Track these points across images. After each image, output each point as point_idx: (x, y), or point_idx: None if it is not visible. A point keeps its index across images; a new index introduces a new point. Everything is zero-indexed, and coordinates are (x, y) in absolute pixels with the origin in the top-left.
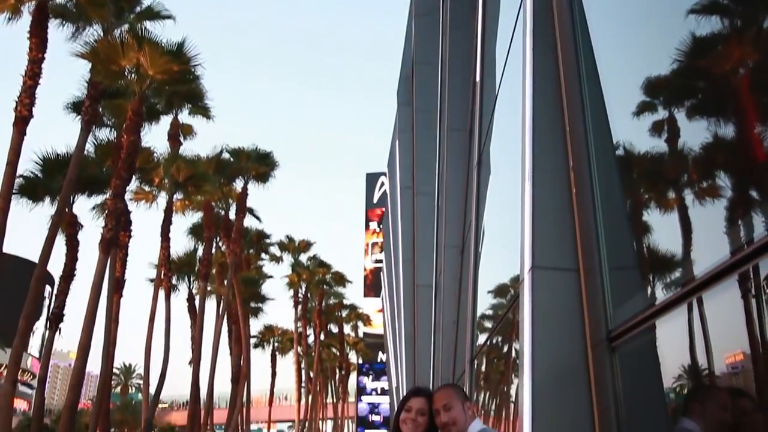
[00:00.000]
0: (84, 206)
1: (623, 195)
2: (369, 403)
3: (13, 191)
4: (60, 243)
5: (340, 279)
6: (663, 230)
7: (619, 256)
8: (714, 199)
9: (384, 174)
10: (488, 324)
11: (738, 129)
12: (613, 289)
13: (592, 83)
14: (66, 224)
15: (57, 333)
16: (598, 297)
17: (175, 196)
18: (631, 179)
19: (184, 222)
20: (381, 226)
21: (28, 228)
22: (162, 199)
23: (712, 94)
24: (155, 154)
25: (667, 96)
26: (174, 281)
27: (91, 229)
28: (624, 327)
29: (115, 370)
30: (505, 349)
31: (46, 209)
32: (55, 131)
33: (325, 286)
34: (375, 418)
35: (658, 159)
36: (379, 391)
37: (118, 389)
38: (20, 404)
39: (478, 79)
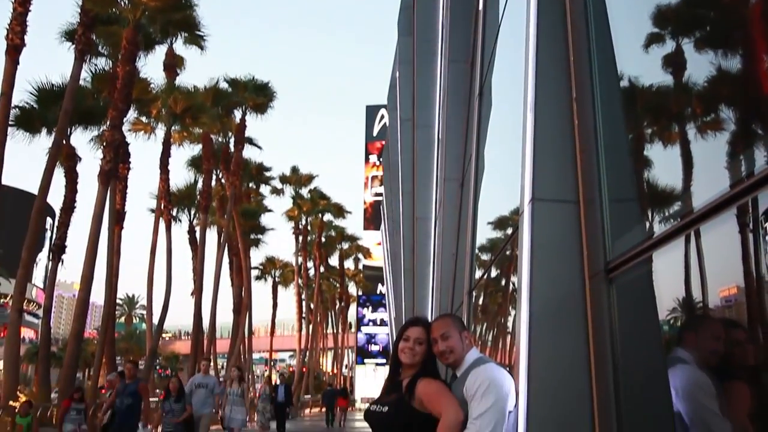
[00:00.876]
0: (82, 139)
1: (625, 127)
2: (366, 334)
3: (9, 122)
4: (60, 175)
5: (340, 211)
6: (664, 163)
7: (620, 188)
8: (716, 132)
9: (384, 106)
10: (487, 257)
11: (744, 61)
12: (613, 221)
13: (597, 13)
14: (64, 156)
15: (60, 264)
16: (597, 229)
17: (173, 128)
18: (634, 111)
19: (183, 154)
20: (381, 159)
21: (28, 160)
22: (160, 130)
23: (720, 26)
24: (152, 86)
25: (674, 27)
26: (174, 213)
27: (91, 162)
28: (622, 258)
29: (118, 301)
30: (503, 281)
31: (44, 141)
32: (50, 62)
33: (325, 218)
34: (373, 348)
35: (662, 91)
36: (378, 322)
37: (122, 319)
38: (27, 333)
39: (480, 8)
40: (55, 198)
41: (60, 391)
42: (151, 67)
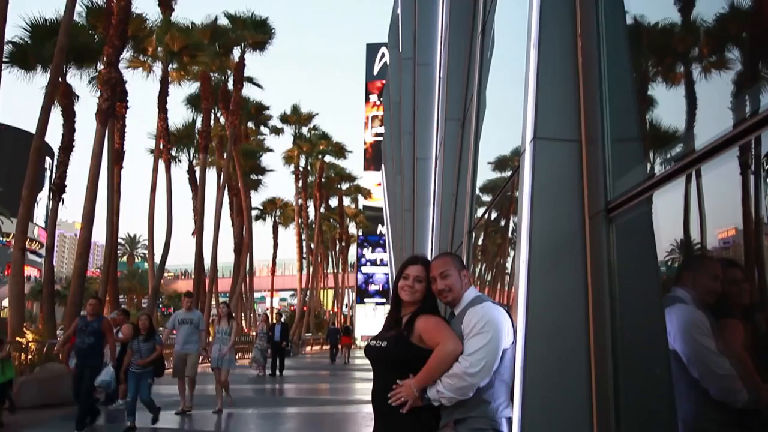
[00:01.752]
0: (79, 79)
1: (630, 65)
2: (365, 274)
3: (3, 60)
4: (57, 115)
5: (341, 151)
6: (668, 102)
7: (623, 128)
8: (722, 72)
9: (385, 45)
10: (487, 197)
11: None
12: (615, 160)
13: None
14: (61, 95)
15: (60, 203)
16: (599, 168)
17: (170, 66)
18: (639, 49)
19: (182, 93)
20: (381, 98)
21: (25, 99)
22: (158, 68)
23: None
24: (148, 22)
25: None
26: (174, 153)
27: (88, 101)
28: (622, 198)
29: (120, 241)
30: (503, 222)
31: (41, 80)
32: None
33: (325, 159)
34: (372, 287)
35: (668, 30)
36: (378, 263)
37: (125, 259)
38: (31, 271)
39: None
40: (54, 137)
41: (65, 328)
42: (146, 3)
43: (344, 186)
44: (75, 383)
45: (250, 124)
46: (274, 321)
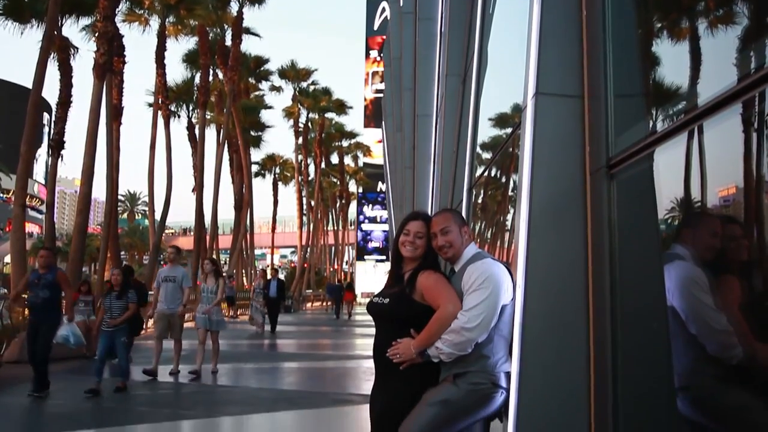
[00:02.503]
0: (77, 34)
1: (634, 20)
2: (365, 231)
3: None
4: (54, 69)
5: (341, 107)
6: (672, 58)
7: (626, 83)
8: (727, 26)
9: None
10: (487, 155)
11: None
12: (617, 116)
13: None
14: (57, 49)
15: (59, 160)
16: (601, 124)
17: (167, 20)
18: (644, 4)
19: (180, 49)
20: (382, 54)
21: (21, 54)
22: (155, 22)
23: None
24: None
25: None
26: (173, 109)
27: (85, 56)
28: (624, 154)
29: (120, 197)
30: (503, 180)
31: (36, 34)
32: None
33: (325, 115)
34: (372, 245)
35: None
36: (378, 220)
37: (125, 215)
38: (32, 228)
39: None
40: (51, 93)
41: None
42: None
43: (344, 143)
44: (29, 341)
45: (249, 80)
46: (270, 276)
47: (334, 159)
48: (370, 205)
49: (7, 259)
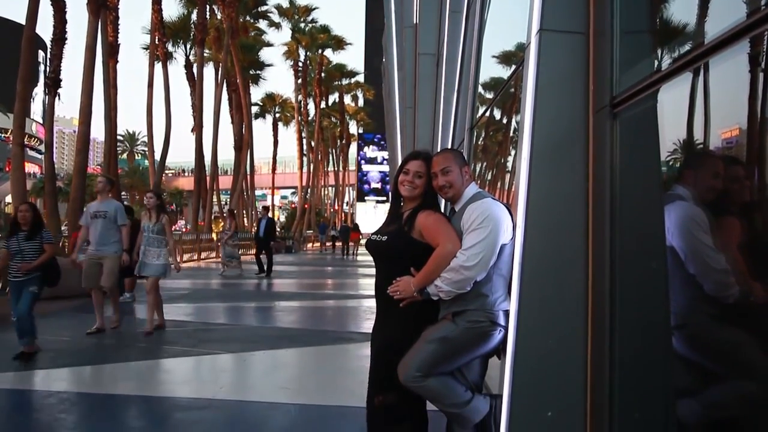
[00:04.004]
0: None
1: None
2: (360, 172)
3: None
4: (48, 5)
5: (340, 43)
6: None
7: (633, 20)
8: None
9: None
10: (489, 95)
11: None
12: (622, 53)
13: None
14: None
15: (57, 98)
16: (606, 62)
17: None
18: None
19: None
20: None
21: None
22: None
23: None
24: None
25: None
26: (170, 48)
27: None
28: (628, 93)
29: (119, 138)
30: (505, 120)
31: None
32: None
33: (324, 53)
34: (375, 185)
35: None
36: (379, 160)
37: (125, 156)
38: (32, 168)
39: None
40: (45, 29)
41: (69, 224)
42: None
43: (344, 82)
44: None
45: (248, 19)
46: (260, 215)
47: (336, 104)
48: (370, 146)
49: (8, 199)
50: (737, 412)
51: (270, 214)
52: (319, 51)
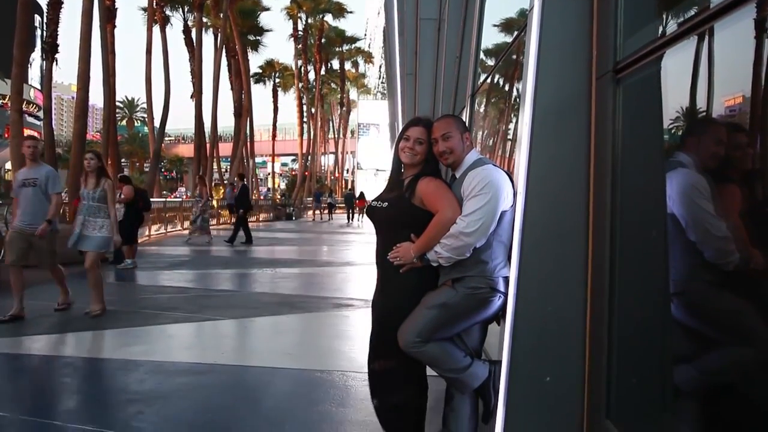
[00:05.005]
0: None
1: None
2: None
3: None
4: None
5: (341, 9)
6: None
7: None
8: None
9: None
10: (491, 62)
11: None
12: (626, 18)
13: None
14: None
15: (54, 64)
16: (609, 27)
17: None
18: None
19: None
20: None
21: None
22: None
23: None
24: None
25: None
26: (168, 12)
27: None
28: (632, 58)
29: (118, 104)
30: (507, 87)
31: None
32: None
33: (325, 18)
34: None
35: None
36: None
37: (124, 122)
38: (31, 134)
39: None
40: None
41: (69, 190)
42: None
43: (345, 48)
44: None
45: None
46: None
47: (336, 70)
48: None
49: (8, 165)
50: (735, 378)
51: (245, 181)
52: (320, 16)
